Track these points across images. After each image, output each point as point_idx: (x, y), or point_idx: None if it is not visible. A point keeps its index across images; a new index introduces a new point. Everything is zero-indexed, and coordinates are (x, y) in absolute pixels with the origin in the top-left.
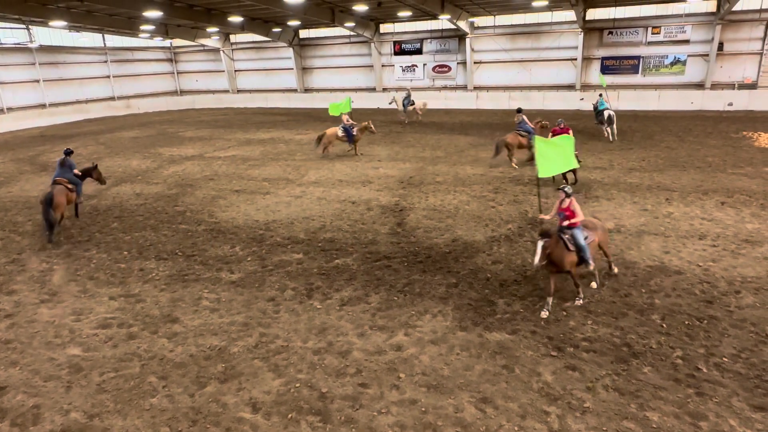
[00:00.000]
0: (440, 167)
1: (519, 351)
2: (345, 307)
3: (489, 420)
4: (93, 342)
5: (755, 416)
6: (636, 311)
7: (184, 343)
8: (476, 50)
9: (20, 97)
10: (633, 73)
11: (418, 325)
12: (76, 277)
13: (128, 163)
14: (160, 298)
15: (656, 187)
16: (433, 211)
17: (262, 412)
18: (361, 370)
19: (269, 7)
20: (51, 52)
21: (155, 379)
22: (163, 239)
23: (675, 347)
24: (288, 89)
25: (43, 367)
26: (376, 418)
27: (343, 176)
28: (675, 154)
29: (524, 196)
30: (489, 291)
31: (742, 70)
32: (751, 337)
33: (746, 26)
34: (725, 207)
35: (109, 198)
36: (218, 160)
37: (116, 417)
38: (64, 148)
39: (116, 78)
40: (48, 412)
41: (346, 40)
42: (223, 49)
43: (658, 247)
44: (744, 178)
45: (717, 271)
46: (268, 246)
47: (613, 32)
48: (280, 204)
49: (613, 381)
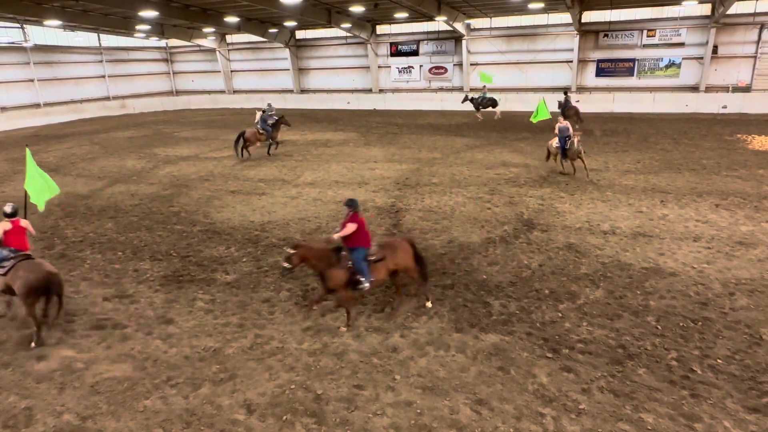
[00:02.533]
0: (436, 168)
1: (514, 353)
2: (340, 308)
3: (484, 422)
4: (86, 343)
5: (749, 417)
6: (631, 313)
7: (179, 344)
8: (472, 52)
9: (14, 96)
10: (628, 75)
11: (414, 326)
12: (70, 277)
13: (123, 164)
14: (155, 299)
15: (651, 189)
16: (429, 213)
17: (256, 414)
18: (357, 372)
19: (266, 8)
20: (46, 52)
21: (149, 381)
22: (157, 240)
23: (670, 349)
24: (284, 90)
25: (35, 368)
26: (372, 420)
27: (339, 177)
28: (670, 157)
29: (520, 198)
30: (484, 292)
31: (736, 73)
32: (745, 339)
33: (740, 29)
34: (720, 209)
35: (104, 198)
36: (214, 160)
37: (109, 419)
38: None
39: (111, 78)
40: (40, 414)
41: (343, 41)
42: (219, 50)
43: (653, 249)
44: (738, 180)
45: (711, 273)
46: (264, 247)
47: (608, 35)
48: (275, 205)
49: (608, 382)
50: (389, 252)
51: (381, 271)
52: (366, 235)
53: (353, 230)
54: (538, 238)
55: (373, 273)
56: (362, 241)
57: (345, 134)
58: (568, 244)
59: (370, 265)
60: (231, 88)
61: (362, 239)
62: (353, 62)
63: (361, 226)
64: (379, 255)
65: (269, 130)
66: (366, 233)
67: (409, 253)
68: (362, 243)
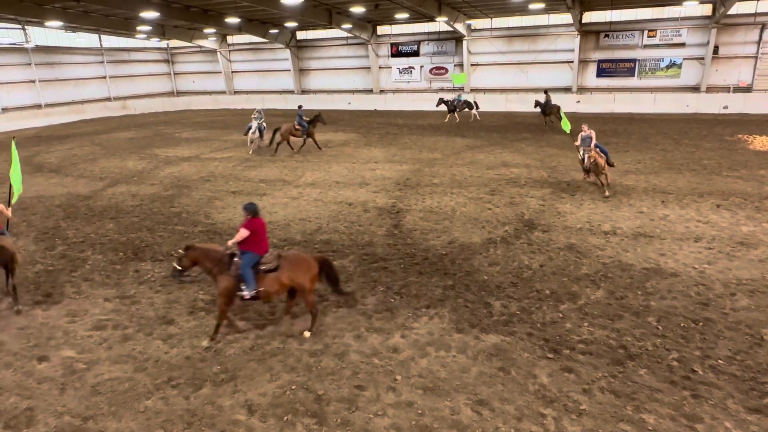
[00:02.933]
0: (437, 169)
1: (515, 353)
2: (341, 308)
3: (485, 422)
4: (87, 344)
5: (750, 418)
6: (632, 313)
7: (180, 344)
8: (473, 52)
9: (16, 97)
10: (629, 75)
11: (415, 327)
12: (71, 278)
13: (124, 164)
14: (156, 299)
15: (652, 189)
16: (430, 213)
17: (257, 415)
18: (358, 372)
19: (266, 9)
20: (47, 53)
21: (150, 381)
22: (158, 240)
23: (671, 349)
24: (285, 90)
25: (36, 369)
26: (372, 421)
27: (339, 178)
28: (671, 157)
29: (521, 198)
30: (485, 293)
31: (737, 73)
32: (746, 340)
33: (741, 30)
34: (721, 209)
35: (105, 199)
36: (215, 161)
37: (111, 419)
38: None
39: (112, 79)
40: (42, 414)
41: (344, 41)
42: (220, 51)
43: (654, 249)
44: (739, 180)
45: (712, 273)
46: None
47: (609, 35)
48: (276, 205)
49: (609, 383)
50: (286, 265)
51: (273, 284)
52: (261, 241)
53: (245, 236)
54: (539, 239)
55: (264, 284)
56: (255, 247)
57: (346, 135)
58: (569, 245)
59: (259, 275)
60: (232, 88)
61: (255, 245)
62: (354, 63)
63: (257, 232)
64: (272, 265)
65: (305, 127)
66: (262, 240)
67: (310, 272)
68: (255, 249)
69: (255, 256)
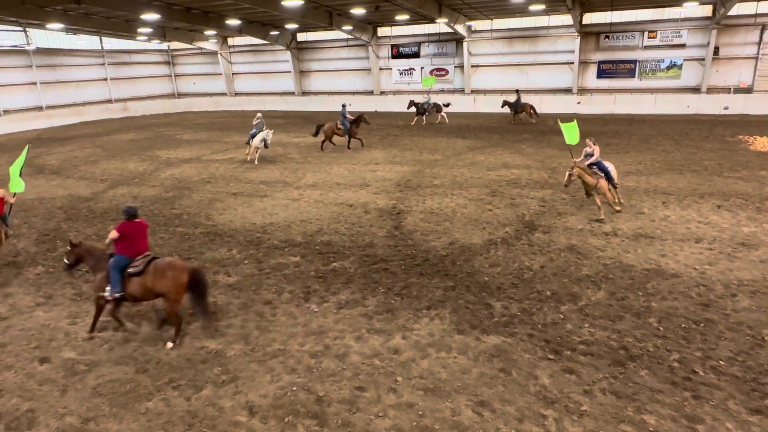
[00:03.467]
0: (438, 170)
1: (516, 354)
2: (342, 310)
3: (486, 423)
4: (88, 345)
5: (752, 419)
6: (633, 314)
7: (181, 346)
8: (474, 54)
9: (17, 99)
10: (629, 77)
11: (416, 328)
12: (72, 279)
13: (125, 166)
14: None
15: (653, 190)
16: (431, 214)
17: (258, 416)
18: (358, 374)
19: (267, 10)
20: (48, 55)
21: (151, 383)
22: (159, 242)
23: (672, 350)
24: (285, 92)
25: (38, 370)
26: (373, 422)
27: (340, 179)
28: (671, 158)
29: (521, 199)
30: (486, 294)
31: (737, 74)
32: (747, 340)
33: (742, 31)
34: (721, 210)
35: (106, 201)
36: (215, 162)
37: (112, 421)
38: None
39: (113, 81)
40: (43, 416)
41: (344, 43)
42: (221, 52)
43: (655, 250)
44: (740, 181)
45: (713, 274)
46: (265, 249)
47: (609, 36)
48: (277, 207)
49: (610, 384)
50: (153, 272)
51: (137, 288)
52: (133, 245)
53: (115, 237)
54: (539, 240)
55: (129, 287)
56: (126, 250)
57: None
58: (569, 246)
59: (125, 278)
60: (232, 90)
61: (127, 248)
62: (354, 64)
63: (131, 235)
64: (137, 269)
65: (347, 126)
66: (136, 243)
67: (178, 282)
68: (127, 252)
69: (124, 259)
